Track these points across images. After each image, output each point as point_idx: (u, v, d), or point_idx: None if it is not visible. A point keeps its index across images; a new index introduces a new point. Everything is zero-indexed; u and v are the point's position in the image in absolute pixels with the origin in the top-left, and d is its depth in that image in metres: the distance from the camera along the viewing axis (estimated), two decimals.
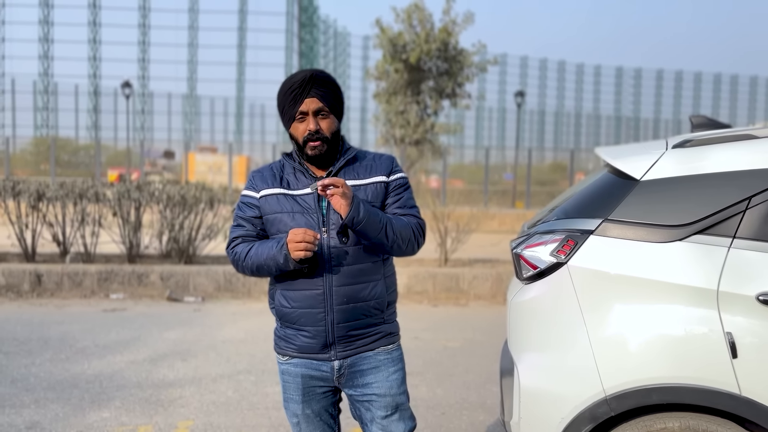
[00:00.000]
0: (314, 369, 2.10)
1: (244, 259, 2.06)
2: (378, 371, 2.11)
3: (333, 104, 2.06)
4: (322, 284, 2.02)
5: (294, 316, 2.06)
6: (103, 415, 3.86)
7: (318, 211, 2.03)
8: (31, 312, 6.54)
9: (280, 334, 2.14)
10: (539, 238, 2.43)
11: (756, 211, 2.14)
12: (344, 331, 2.04)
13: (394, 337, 2.17)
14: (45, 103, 50.59)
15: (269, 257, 1.98)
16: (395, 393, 2.13)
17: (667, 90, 72.68)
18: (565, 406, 2.24)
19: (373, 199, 2.07)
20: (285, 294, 2.07)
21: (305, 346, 2.07)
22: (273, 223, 2.06)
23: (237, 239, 2.11)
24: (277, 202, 2.06)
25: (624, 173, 2.38)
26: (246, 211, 2.11)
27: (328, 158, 2.07)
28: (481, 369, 4.86)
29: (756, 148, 2.23)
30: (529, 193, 22.14)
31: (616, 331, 2.21)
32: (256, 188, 2.11)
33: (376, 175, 2.10)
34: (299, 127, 2.04)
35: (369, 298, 2.06)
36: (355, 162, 2.12)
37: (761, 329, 2.06)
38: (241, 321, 6.35)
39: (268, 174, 2.12)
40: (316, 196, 2.04)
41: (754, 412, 2.06)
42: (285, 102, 2.05)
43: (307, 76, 2.01)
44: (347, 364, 2.08)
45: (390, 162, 2.15)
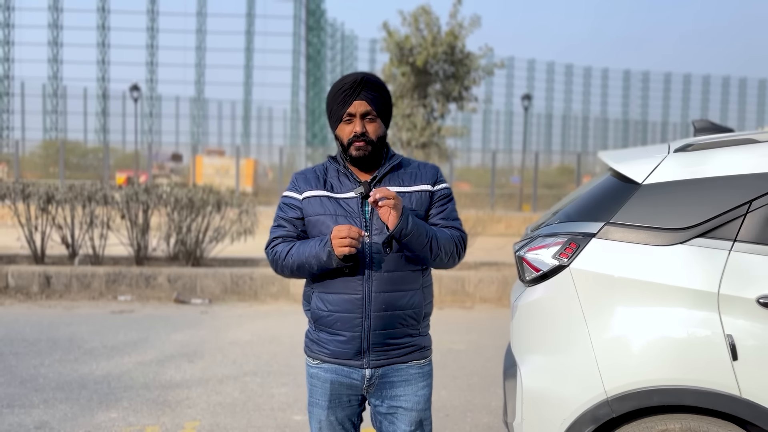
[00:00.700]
0: (345, 376, 2.07)
1: (284, 258, 2.04)
2: (408, 385, 2.09)
3: (381, 109, 2.05)
4: (361, 289, 2.00)
5: (330, 320, 2.04)
6: (111, 415, 3.90)
7: (361, 216, 2.02)
8: (40, 313, 6.60)
9: (313, 337, 2.12)
10: (542, 241, 2.45)
11: (757, 215, 2.16)
12: (380, 338, 2.02)
13: (427, 352, 2.15)
14: (54, 106, 50.98)
15: (311, 255, 1.97)
16: (422, 408, 2.12)
17: (675, 93, 72.48)
18: (567, 408, 2.26)
19: (417, 208, 2.06)
20: (322, 297, 2.05)
21: (339, 352, 2.05)
22: (315, 225, 2.05)
23: (277, 239, 2.10)
24: (320, 204, 2.05)
25: (626, 177, 2.40)
26: (288, 212, 2.10)
27: (372, 162, 2.06)
28: (485, 371, 4.88)
29: (757, 153, 2.25)
30: (536, 196, 22.13)
31: (618, 333, 2.23)
32: (299, 190, 2.09)
33: (420, 184, 2.09)
34: (345, 129, 2.04)
35: (407, 306, 2.04)
36: (400, 169, 2.11)
37: (761, 332, 2.08)
38: (248, 323, 6.39)
39: (311, 176, 2.10)
40: (359, 200, 2.03)
41: (755, 414, 2.07)
42: (334, 103, 2.04)
43: (358, 79, 2.01)
44: (378, 374, 2.06)
45: (435, 171, 2.14)
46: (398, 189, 2.05)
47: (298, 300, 7.51)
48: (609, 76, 71.52)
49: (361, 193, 2.01)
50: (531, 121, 60.73)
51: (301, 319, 6.66)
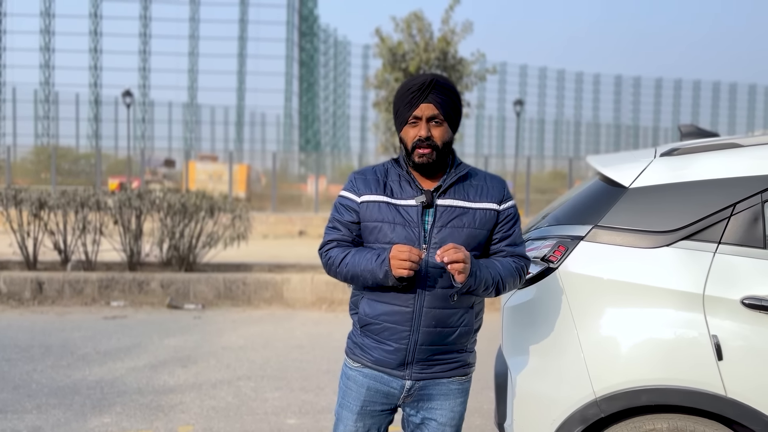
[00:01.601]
0: (384, 384, 2.02)
1: (338, 265, 1.98)
2: (446, 399, 2.05)
3: (449, 113, 1.97)
4: (413, 302, 1.94)
5: (377, 329, 1.99)
6: (104, 420, 3.90)
7: (420, 226, 1.94)
8: (33, 319, 6.59)
9: (358, 341, 2.06)
10: (531, 244, 2.49)
11: (740, 218, 2.21)
12: (425, 354, 1.98)
13: (470, 369, 2.11)
14: (46, 112, 50.81)
15: (367, 269, 1.90)
16: (456, 424, 2.08)
17: (666, 98, 73.01)
18: (557, 408, 2.30)
19: (480, 226, 1.98)
20: (372, 305, 1.99)
21: (382, 360, 2.00)
22: (372, 231, 1.98)
23: (332, 242, 2.03)
24: (379, 210, 1.97)
25: (613, 181, 2.45)
26: (344, 214, 2.02)
27: (436, 168, 1.98)
28: (477, 374, 4.86)
29: (740, 157, 2.30)
30: (529, 201, 22.23)
31: (606, 334, 2.27)
32: (358, 192, 2.01)
33: (487, 201, 2.00)
34: (410, 132, 1.96)
35: (457, 324, 1.98)
36: (466, 180, 2.01)
37: (746, 332, 2.12)
38: (241, 328, 6.40)
39: (371, 178, 2.02)
40: (420, 209, 1.95)
41: (740, 413, 2.11)
42: (401, 104, 1.97)
43: (427, 81, 1.93)
44: (419, 386, 2.02)
45: (502, 187, 2.04)
46: (462, 204, 1.98)
47: (291, 305, 7.53)
48: (601, 81, 71.97)
49: (423, 202, 1.95)
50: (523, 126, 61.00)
51: (294, 324, 6.68)
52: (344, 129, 60.97)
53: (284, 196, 23.88)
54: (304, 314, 7.10)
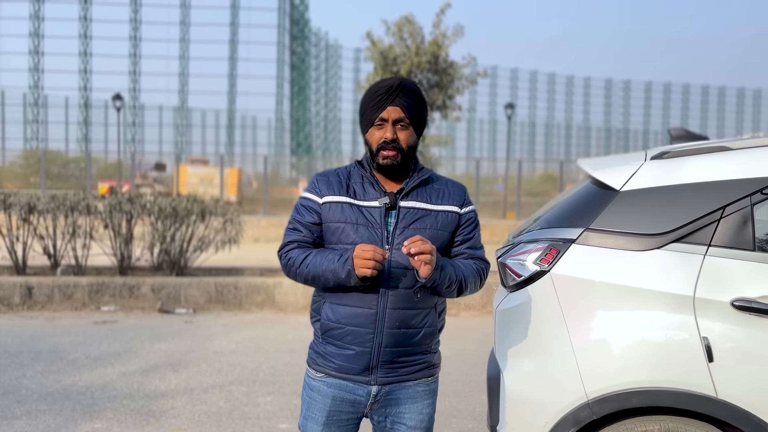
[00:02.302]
0: (349, 392, 2.00)
1: (299, 266, 1.97)
2: (414, 402, 2.03)
3: (415, 117, 1.98)
4: (376, 304, 1.93)
5: (340, 333, 1.96)
6: (95, 426, 3.88)
7: (383, 227, 1.95)
8: (22, 324, 6.53)
9: (319, 349, 2.03)
10: (523, 247, 2.50)
11: (730, 220, 2.23)
12: (390, 356, 1.96)
13: (435, 369, 2.11)
14: (35, 115, 50.48)
15: (329, 269, 1.89)
16: (426, 427, 2.06)
17: (655, 102, 73.54)
18: (549, 411, 2.31)
19: (441, 228, 2.00)
20: (334, 308, 1.97)
21: (346, 366, 1.97)
22: (334, 232, 1.97)
23: (292, 243, 2.01)
24: (341, 211, 1.97)
25: (604, 184, 2.46)
26: (305, 215, 2.01)
27: (399, 171, 1.99)
28: (470, 378, 4.91)
29: (730, 160, 2.32)
30: (520, 204, 22.30)
31: (598, 336, 2.28)
32: (320, 193, 2.00)
33: (448, 204, 2.02)
34: (375, 134, 1.97)
35: (420, 325, 1.98)
36: (428, 184, 2.04)
37: (736, 334, 2.14)
38: (233, 332, 6.37)
39: (334, 179, 2.02)
40: (383, 210, 1.96)
41: (730, 414, 2.13)
42: (367, 106, 1.98)
43: (395, 84, 1.95)
44: (385, 391, 2.00)
45: (463, 192, 2.08)
46: (425, 206, 2.00)
47: (283, 309, 7.51)
48: (591, 84, 72.38)
49: (386, 204, 1.96)
50: (514, 129, 61.24)
51: (286, 328, 6.66)
52: (335, 132, 60.97)
53: (275, 199, 23.82)
54: (296, 318, 7.08)
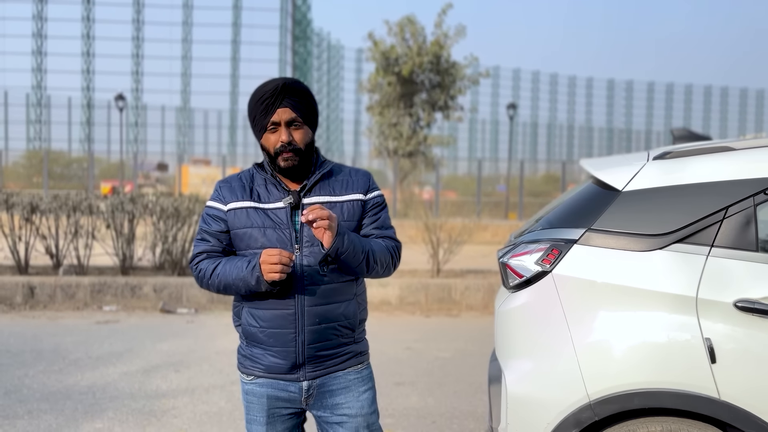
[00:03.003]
0: (281, 390, 2.01)
1: (209, 277, 1.96)
2: (348, 391, 2.03)
3: (306, 114, 1.97)
4: (294, 304, 1.93)
5: (262, 336, 1.97)
6: (97, 425, 3.88)
7: (290, 227, 1.95)
8: (24, 324, 6.54)
9: (246, 353, 2.04)
10: (525, 247, 2.49)
11: (733, 221, 2.22)
12: (314, 351, 1.97)
13: (364, 356, 2.10)
14: (38, 115, 50.55)
15: (239, 278, 1.89)
16: (366, 413, 2.05)
17: (658, 102, 73.41)
18: (551, 412, 2.30)
19: (348, 218, 2.00)
20: (253, 312, 1.98)
21: (273, 367, 1.98)
22: (242, 238, 1.96)
23: (201, 254, 2.01)
24: (247, 216, 1.96)
25: (607, 184, 2.45)
26: (212, 224, 2.01)
27: (301, 170, 1.99)
28: (472, 378, 4.90)
29: (733, 160, 2.31)
30: (522, 204, 22.27)
31: (600, 337, 2.27)
32: (224, 200, 2.00)
33: (352, 193, 2.02)
34: (271, 138, 1.95)
35: (341, 317, 1.99)
36: (331, 177, 2.04)
37: (739, 335, 2.13)
38: (234, 332, 6.31)
39: (237, 185, 2.01)
40: (288, 210, 1.96)
41: (733, 416, 2.12)
42: (256, 112, 1.95)
43: (279, 85, 1.92)
44: (316, 385, 2.00)
45: (367, 179, 2.07)
46: (329, 199, 1.99)
47: None
48: (593, 85, 72.31)
49: (290, 203, 1.95)
50: (517, 129, 61.20)
51: None
52: (338, 133, 60.99)
53: None
54: None
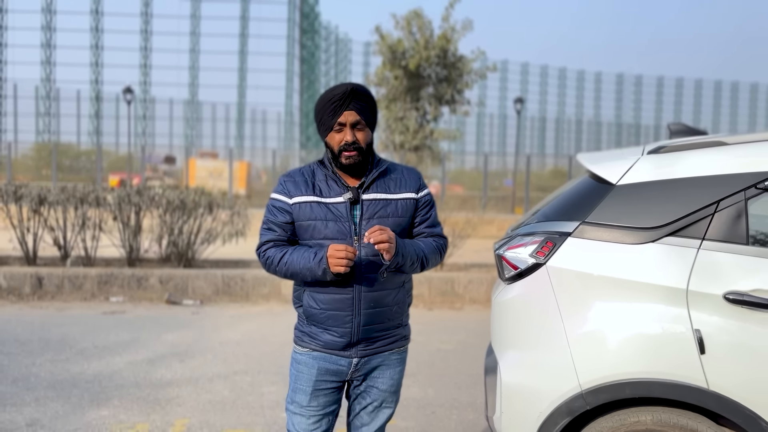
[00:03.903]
0: (332, 363, 2.21)
1: (277, 264, 2.16)
2: (386, 368, 2.28)
3: (369, 118, 2.17)
4: (352, 289, 2.14)
5: (322, 317, 2.18)
6: (102, 413, 3.95)
7: (350, 220, 2.14)
8: (32, 314, 6.64)
9: (305, 330, 2.24)
10: (520, 240, 2.53)
11: (724, 215, 2.24)
12: (368, 333, 2.19)
13: (406, 340, 2.34)
14: (47, 108, 50.82)
15: (305, 267, 2.09)
16: (394, 390, 2.32)
17: (667, 97, 72.90)
18: (543, 401, 2.34)
19: (402, 214, 2.21)
20: (314, 296, 2.18)
21: (330, 343, 2.19)
22: (306, 229, 2.16)
23: (269, 243, 2.20)
24: (311, 209, 2.15)
25: (601, 178, 2.48)
26: (278, 216, 2.20)
27: (360, 168, 2.18)
28: (472, 370, 4.95)
29: (725, 155, 2.33)
30: (528, 199, 22.24)
31: (592, 328, 2.31)
32: (289, 194, 2.19)
33: (405, 191, 2.23)
34: (336, 137, 2.14)
35: (392, 303, 2.21)
36: (386, 175, 2.23)
37: (728, 326, 2.16)
38: (239, 324, 6.44)
39: (300, 180, 2.20)
40: (348, 205, 2.15)
41: (722, 406, 2.15)
42: (324, 112, 2.14)
43: (348, 90, 2.11)
44: (364, 361, 2.23)
45: (418, 178, 2.29)
46: (384, 196, 2.19)
47: (289, 301, 7.57)
48: (602, 79, 71.90)
49: (350, 198, 2.14)
50: (524, 124, 61.00)
51: (292, 319, 6.72)
52: None
53: None
54: None
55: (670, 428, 2.21)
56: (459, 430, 3.84)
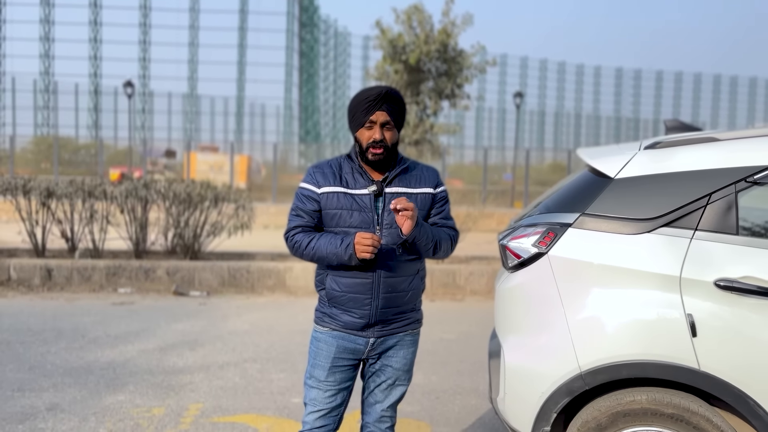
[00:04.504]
0: (350, 342, 2.40)
1: (304, 248, 2.33)
2: (401, 348, 2.47)
3: (397, 119, 2.36)
4: (372, 274, 2.32)
5: (343, 300, 2.36)
6: (119, 398, 4.10)
7: (373, 210, 2.33)
8: (43, 305, 6.78)
9: (326, 311, 2.42)
10: (523, 230, 2.67)
11: (716, 206, 2.39)
12: (385, 315, 2.38)
13: (419, 324, 2.53)
14: (45, 101, 50.82)
15: (332, 252, 2.27)
16: (407, 369, 2.51)
17: (666, 91, 72.94)
18: (545, 382, 2.49)
19: (421, 207, 2.40)
20: (336, 280, 2.36)
21: (349, 323, 2.37)
22: (332, 217, 2.34)
23: (297, 228, 2.38)
24: (337, 199, 2.33)
25: (600, 172, 2.62)
26: (306, 203, 2.37)
27: (385, 164, 2.37)
28: (474, 358, 5.10)
29: (717, 150, 2.48)
30: (527, 193, 22.39)
31: (591, 313, 2.46)
32: (318, 184, 2.36)
33: (424, 187, 2.43)
34: (365, 134, 2.33)
35: (408, 289, 2.40)
36: (408, 172, 2.43)
37: (718, 311, 2.31)
38: (246, 314, 6.59)
39: (328, 171, 2.38)
40: (372, 197, 2.34)
41: (712, 385, 2.30)
42: (357, 110, 2.34)
43: (382, 92, 2.31)
44: (380, 341, 2.42)
45: (435, 175, 2.49)
46: (406, 190, 2.39)
47: (293, 293, 7.73)
48: (601, 74, 71.91)
49: (374, 191, 2.33)
50: (524, 118, 61.06)
51: (297, 310, 6.88)
52: (344, 120, 60.91)
53: (284, 186, 24.01)
54: (306, 301, 7.29)
55: (664, 407, 2.36)
56: (462, 414, 4.00)
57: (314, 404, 2.43)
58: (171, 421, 3.74)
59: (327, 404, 2.43)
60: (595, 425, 2.41)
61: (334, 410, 2.44)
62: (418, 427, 3.77)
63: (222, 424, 3.72)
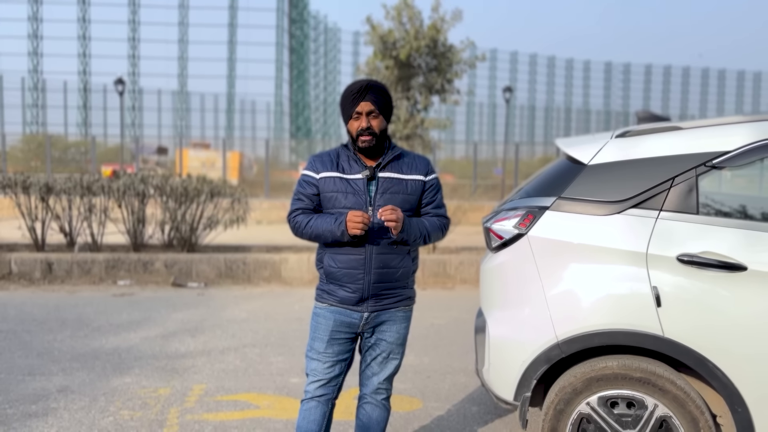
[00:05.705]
0: (346, 316, 2.61)
1: (304, 227, 2.58)
2: (394, 323, 2.67)
3: (382, 107, 2.57)
4: (364, 251, 2.54)
5: (339, 275, 2.57)
6: (126, 380, 4.31)
7: (366, 193, 2.55)
8: (45, 297, 6.96)
9: (324, 287, 2.65)
10: (505, 214, 2.91)
11: (678, 189, 2.63)
12: (377, 290, 2.58)
13: (411, 301, 2.72)
14: (34, 99, 50.64)
15: (327, 229, 2.51)
16: (400, 343, 2.71)
17: (655, 85, 73.53)
18: (525, 351, 2.73)
19: (411, 192, 2.60)
20: (333, 257, 2.58)
21: (345, 298, 2.58)
22: (329, 199, 2.57)
23: (298, 210, 2.62)
24: (334, 183, 2.56)
25: (575, 159, 2.86)
26: (306, 188, 2.62)
27: (376, 150, 2.58)
28: (464, 342, 5.35)
29: (679, 138, 2.72)
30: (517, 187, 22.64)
31: (567, 287, 2.70)
32: (317, 170, 2.60)
33: (415, 174, 2.62)
34: (354, 124, 2.56)
35: (399, 266, 2.60)
36: (400, 159, 2.63)
37: (680, 283, 2.55)
38: (243, 303, 6.80)
39: (326, 159, 2.62)
40: (365, 181, 2.55)
41: (675, 350, 2.55)
42: (346, 103, 2.57)
43: (364, 85, 2.53)
44: (374, 316, 2.62)
45: (427, 163, 2.69)
46: (398, 176, 2.59)
47: (289, 283, 7.94)
48: (591, 68, 72.37)
49: (367, 175, 2.55)
50: (514, 112, 61.41)
51: (293, 299, 7.10)
52: (335, 116, 61.11)
53: (276, 182, 24.18)
54: (302, 291, 7.51)
55: (633, 371, 2.60)
56: (452, 391, 4.23)
57: (315, 374, 2.66)
58: (177, 400, 3.96)
59: (326, 374, 2.65)
60: (571, 390, 2.66)
61: (332, 380, 2.67)
62: (410, 402, 4.01)
63: (225, 402, 3.94)
